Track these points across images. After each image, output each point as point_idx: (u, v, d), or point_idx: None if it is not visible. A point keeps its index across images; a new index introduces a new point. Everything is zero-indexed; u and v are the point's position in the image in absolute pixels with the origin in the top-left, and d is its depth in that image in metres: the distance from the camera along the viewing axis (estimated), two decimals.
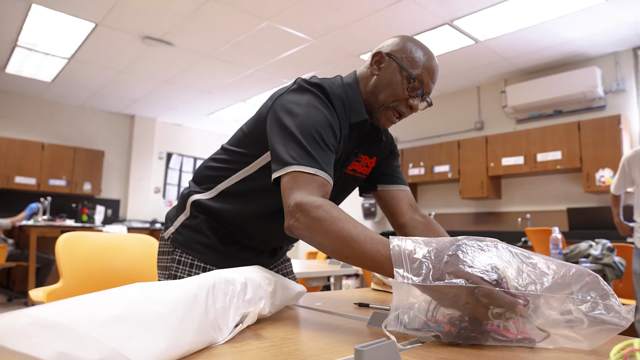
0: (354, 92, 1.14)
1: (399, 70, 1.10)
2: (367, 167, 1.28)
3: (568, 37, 4.76)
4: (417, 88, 1.10)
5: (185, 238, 1.21)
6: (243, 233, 1.21)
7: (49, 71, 6.15)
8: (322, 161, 0.96)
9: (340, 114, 1.09)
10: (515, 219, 5.77)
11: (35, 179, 7.07)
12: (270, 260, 1.33)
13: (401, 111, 1.12)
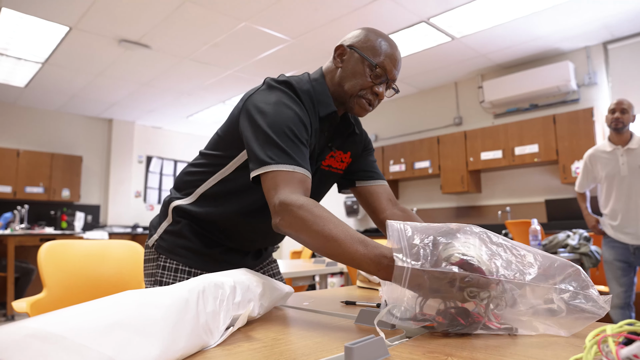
0: (321, 86, 1.17)
1: (361, 60, 1.13)
2: (342, 162, 1.30)
3: (541, 33, 4.87)
4: (381, 75, 1.13)
5: (168, 244, 1.23)
6: (226, 235, 1.23)
7: (22, 76, 6.02)
8: (297, 157, 0.99)
9: (309, 109, 1.12)
10: (496, 212, 5.88)
11: (11, 186, 6.91)
12: (255, 261, 1.35)
13: (368, 99, 1.15)
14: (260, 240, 1.29)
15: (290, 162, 0.97)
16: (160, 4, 4.17)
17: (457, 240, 0.79)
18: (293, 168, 0.96)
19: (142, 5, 4.18)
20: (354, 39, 1.17)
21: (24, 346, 0.46)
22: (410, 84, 6.47)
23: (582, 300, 0.77)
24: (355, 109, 1.16)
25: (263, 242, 1.31)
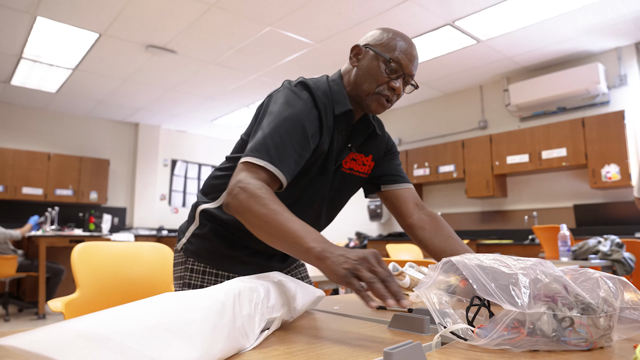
0: (338, 87, 1.19)
1: (376, 57, 1.14)
2: (364, 165, 1.30)
3: (570, 34, 4.77)
4: (396, 70, 1.13)
5: (196, 247, 1.25)
6: (251, 238, 1.22)
7: (53, 82, 6.20)
8: (277, 156, 1.01)
9: (326, 107, 1.14)
10: (522, 217, 5.77)
11: (42, 189, 7.12)
12: (282, 264, 1.35)
13: (386, 95, 1.15)
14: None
15: (264, 158, 1.00)
16: (187, 10, 4.24)
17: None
18: (264, 164, 1.00)
19: (169, 11, 4.26)
20: (370, 38, 1.19)
21: (74, 346, 0.47)
22: (435, 88, 6.42)
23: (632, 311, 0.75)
24: (373, 106, 1.16)
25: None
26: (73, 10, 4.24)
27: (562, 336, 0.70)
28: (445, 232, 1.31)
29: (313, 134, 1.10)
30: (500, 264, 0.77)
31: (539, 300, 0.73)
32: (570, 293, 0.72)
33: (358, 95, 1.17)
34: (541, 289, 0.73)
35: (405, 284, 1.57)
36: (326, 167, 1.19)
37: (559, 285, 0.73)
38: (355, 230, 7.52)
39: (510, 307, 0.69)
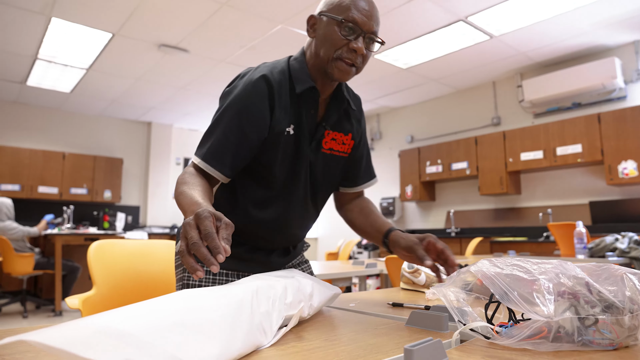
0: (299, 64, 1.16)
1: (330, 21, 1.09)
2: (344, 144, 1.26)
3: (585, 28, 4.70)
4: (353, 29, 1.08)
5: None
6: (248, 235, 1.21)
7: (68, 82, 6.26)
8: (210, 152, 1.08)
9: (280, 86, 1.12)
10: (536, 214, 5.71)
11: (58, 188, 7.21)
12: (283, 259, 1.31)
13: (347, 58, 1.09)
14: (278, 237, 1.26)
15: (200, 157, 1.08)
16: (199, 9, 4.25)
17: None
18: (199, 162, 1.08)
19: (181, 10, 4.27)
20: (322, 4, 1.14)
21: (95, 342, 0.47)
22: (447, 84, 6.37)
23: None
24: (336, 73, 1.10)
25: (281, 238, 1.27)
26: (87, 11, 4.27)
27: (585, 335, 0.68)
28: (367, 210, 1.36)
29: (259, 118, 1.09)
30: (520, 269, 0.75)
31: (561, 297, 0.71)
32: (593, 292, 0.71)
33: (320, 65, 1.12)
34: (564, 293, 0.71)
35: (421, 282, 1.55)
36: (300, 149, 1.16)
37: (582, 287, 0.71)
38: None
39: (537, 316, 0.67)
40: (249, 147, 1.09)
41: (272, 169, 1.14)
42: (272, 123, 1.10)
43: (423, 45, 5.01)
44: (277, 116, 1.11)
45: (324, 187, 1.27)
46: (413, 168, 6.81)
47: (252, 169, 1.16)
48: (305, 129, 1.15)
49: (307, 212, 1.27)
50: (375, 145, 7.84)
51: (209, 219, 0.75)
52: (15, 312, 5.37)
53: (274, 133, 1.11)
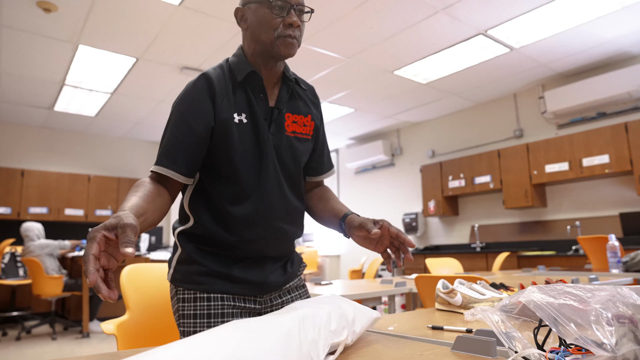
0: (237, 58, 1.22)
1: (259, 6, 1.14)
2: (305, 126, 1.28)
3: (608, 37, 4.63)
4: (282, 6, 1.13)
5: (182, 274, 1.21)
6: (231, 241, 1.18)
7: (93, 106, 6.43)
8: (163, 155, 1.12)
9: (219, 79, 1.16)
10: (564, 227, 5.58)
11: (83, 210, 7.35)
12: (280, 278, 1.26)
13: (287, 34, 1.13)
14: (265, 235, 1.20)
15: (155, 163, 1.12)
16: (219, 32, 4.33)
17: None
18: (153, 167, 1.12)
19: (202, 33, 4.36)
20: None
21: None
22: (467, 98, 6.33)
23: None
24: (282, 50, 1.14)
25: (270, 237, 1.21)
26: (113, 37, 4.40)
27: None
28: (326, 196, 1.37)
29: (201, 110, 1.12)
30: (574, 298, 0.73)
31: (617, 322, 0.69)
32: None
33: (264, 49, 1.16)
34: (621, 317, 0.69)
35: (457, 302, 1.52)
36: (259, 135, 1.18)
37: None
38: None
39: (600, 351, 0.65)
40: (198, 142, 1.13)
41: (234, 161, 1.15)
42: (216, 111, 1.13)
43: (442, 59, 5.00)
44: (220, 105, 1.14)
45: (296, 172, 1.27)
46: (435, 183, 6.75)
47: (216, 167, 1.18)
48: (259, 114, 1.18)
49: (289, 202, 1.24)
50: (396, 161, 7.80)
51: (94, 240, 0.75)
52: (44, 334, 5.43)
53: (222, 122, 1.13)
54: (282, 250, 1.27)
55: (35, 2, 3.74)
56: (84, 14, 3.96)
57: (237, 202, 1.17)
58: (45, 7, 3.78)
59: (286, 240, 1.27)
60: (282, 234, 1.24)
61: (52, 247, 5.39)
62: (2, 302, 6.08)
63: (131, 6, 3.85)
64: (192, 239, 1.21)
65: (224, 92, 1.15)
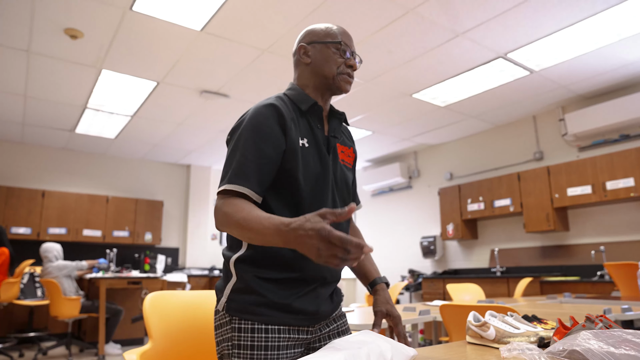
0: (295, 91, 1.32)
1: (326, 46, 1.30)
2: (349, 157, 1.40)
3: (631, 59, 4.58)
4: (346, 50, 1.30)
5: (239, 303, 1.19)
6: (291, 263, 1.19)
7: (113, 129, 6.53)
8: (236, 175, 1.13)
9: (286, 109, 1.23)
10: (588, 252, 5.43)
11: (101, 231, 7.40)
12: (329, 307, 1.29)
13: (347, 72, 1.31)
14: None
15: (227, 182, 1.13)
16: (240, 56, 4.39)
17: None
18: (232, 186, 1.12)
19: (223, 57, 4.42)
20: (309, 36, 1.34)
21: None
22: (485, 120, 6.29)
23: None
24: (342, 84, 1.30)
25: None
26: (135, 62, 4.48)
27: None
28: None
29: (272, 135, 1.17)
30: (635, 347, 0.68)
31: None
32: None
33: (325, 83, 1.30)
34: None
35: (490, 336, 1.46)
36: (321, 159, 1.27)
37: None
38: (408, 268, 7.32)
39: None
40: (268, 163, 1.17)
41: (297, 176, 1.20)
42: (287, 138, 1.20)
43: (461, 82, 4.99)
44: (289, 130, 1.21)
45: (348, 198, 1.36)
46: (454, 206, 6.67)
47: (280, 188, 1.21)
48: (320, 140, 1.28)
49: (341, 225, 1.30)
50: (414, 183, 7.74)
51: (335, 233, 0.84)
52: (60, 356, 5.42)
53: (292, 146, 1.20)
54: (336, 272, 1.30)
55: (62, 29, 3.84)
56: (108, 40, 4.05)
57: (297, 208, 1.23)
58: (72, 34, 3.88)
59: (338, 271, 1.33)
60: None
61: (69, 269, 5.43)
62: (20, 323, 6.10)
63: (154, 32, 3.93)
64: (251, 266, 1.21)
65: (290, 119, 1.23)
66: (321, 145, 1.28)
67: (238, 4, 3.54)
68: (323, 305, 1.25)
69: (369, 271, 1.43)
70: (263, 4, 3.54)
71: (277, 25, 3.84)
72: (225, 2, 3.50)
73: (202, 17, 3.72)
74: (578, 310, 2.58)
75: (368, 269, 1.44)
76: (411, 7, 3.58)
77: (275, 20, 3.78)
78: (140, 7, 3.56)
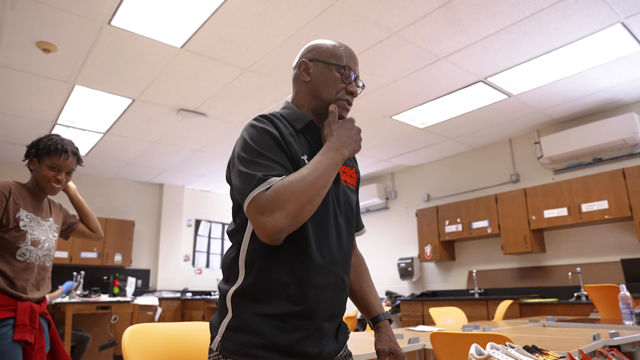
0: (290, 109, 1.23)
1: (328, 68, 1.22)
2: (351, 177, 1.32)
3: (603, 86, 4.72)
4: (349, 76, 1.22)
5: (234, 344, 1.07)
6: (295, 293, 1.09)
7: (83, 146, 6.30)
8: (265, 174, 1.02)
9: (285, 127, 1.15)
10: (564, 273, 5.49)
11: (68, 252, 7.07)
12: (333, 347, 1.18)
13: (346, 99, 1.22)
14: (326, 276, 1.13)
15: (258, 185, 1.00)
16: (220, 75, 4.30)
17: None
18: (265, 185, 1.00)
19: (202, 76, 4.33)
20: (313, 52, 1.25)
21: None
22: (463, 142, 6.36)
23: None
24: (339, 112, 1.22)
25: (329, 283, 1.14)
26: (110, 78, 4.34)
27: None
28: (360, 274, 1.41)
29: (273, 142, 1.10)
30: None
31: None
32: None
33: (321, 106, 1.22)
34: None
35: None
36: None
37: None
38: (385, 290, 7.25)
39: None
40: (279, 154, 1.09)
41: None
42: (289, 147, 1.12)
43: (441, 105, 5.03)
44: (290, 144, 1.13)
45: (350, 220, 1.25)
46: (432, 227, 6.67)
47: None
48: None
49: (346, 250, 1.21)
50: (391, 205, 7.74)
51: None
52: None
53: (294, 158, 1.12)
54: (341, 305, 1.21)
55: (34, 42, 3.68)
56: (83, 55, 3.91)
57: (305, 248, 1.11)
58: (45, 48, 3.72)
59: (345, 291, 1.22)
60: (341, 285, 1.19)
61: None
62: None
63: (132, 48, 3.81)
64: (249, 301, 1.09)
65: (287, 134, 1.14)
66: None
67: (221, 22, 3.48)
68: (327, 346, 1.15)
69: (372, 306, 1.36)
70: (247, 22, 3.49)
71: (260, 44, 3.79)
72: (208, 19, 3.43)
73: (184, 34, 3.63)
74: (565, 335, 2.56)
75: (371, 303, 1.37)
76: (396, 29, 3.59)
77: (259, 40, 3.72)
78: (119, 22, 3.45)
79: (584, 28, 3.63)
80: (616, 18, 3.52)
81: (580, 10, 3.41)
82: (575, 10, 3.39)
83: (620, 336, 2.51)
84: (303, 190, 0.98)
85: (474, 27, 3.59)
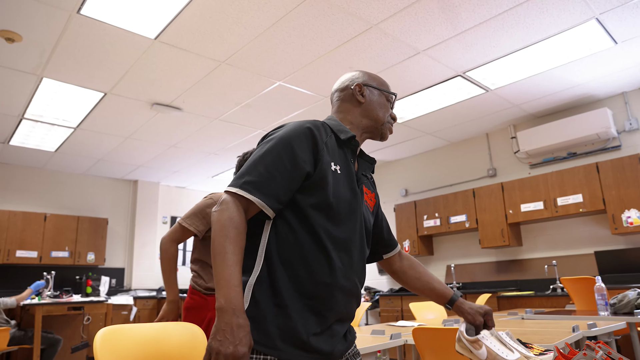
0: (335, 122, 1.31)
1: (381, 94, 1.39)
2: (371, 200, 1.41)
3: (577, 81, 4.78)
4: (394, 102, 1.43)
5: (253, 334, 1.07)
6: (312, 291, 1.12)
7: (53, 141, 6.07)
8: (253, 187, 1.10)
9: (324, 134, 1.22)
10: (540, 266, 5.57)
11: (37, 251, 6.82)
12: (343, 346, 1.22)
13: (391, 122, 1.41)
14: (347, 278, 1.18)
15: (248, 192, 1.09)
16: (195, 68, 4.19)
17: None
18: (243, 193, 1.09)
19: (177, 69, 4.21)
20: (364, 78, 1.39)
21: None
22: (441, 137, 6.38)
23: None
24: (386, 132, 1.39)
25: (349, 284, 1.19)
26: (80, 71, 4.17)
27: None
28: (421, 273, 1.54)
29: (300, 156, 1.14)
30: None
31: None
32: None
33: (373, 126, 1.36)
34: None
35: (482, 356, 1.36)
36: (352, 189, 1.24)
37: None
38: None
39: None
40: (291, 179, 1.13)
41: (327, 194, 1.16)
42: (318, 162, 1.17)
43: (419, 99, 5.02)
44: (321, 152, 1.18)
45: (368, 238, 1.33)
46: (410, 222, 6.69)
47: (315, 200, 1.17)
48: (352, 173, 1.26)
49: (362, 258, 1.27)
50: None
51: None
52: None
53: (321, 169, 1.16)
54: (352, 311, 1.24)
55: None
56: (50, 46, 3.74)
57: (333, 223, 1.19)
58: (9, 37, 3.54)
59: (357, 300, 1.26)
60: (355, 291, 1.23)
61: None
62: None
63: (103, 39, 3.67)
64: (269, 290, 1.12)
65: (323, 142, 1.21)
66: (353, 176, 1.27)
67: (196, 13, 3.37)
68: (338, 345, 1.20)
69: (443, 292, 1.51)
70: (223, 14, 3.39)
71: (237, 36, 3.69)
72: (182, 9, 3.32)
73: (157, 25, 3.50)
74: (544, 327, 2.57)
75: (441, 290, 1.51)
76: (375, 22, 3.54)
77: (235, 32, 3.63)
78: (89, 11, 3.30)
79: (560, 23, 3.66)
80: (591, 14, 3.55)
81: (558, 5, 3.42)
82: (553, 4, 3.41)
83: (598, 327, 2.54)
84: (214, 248, 1.06)
85: (452, 21, 3.57)
